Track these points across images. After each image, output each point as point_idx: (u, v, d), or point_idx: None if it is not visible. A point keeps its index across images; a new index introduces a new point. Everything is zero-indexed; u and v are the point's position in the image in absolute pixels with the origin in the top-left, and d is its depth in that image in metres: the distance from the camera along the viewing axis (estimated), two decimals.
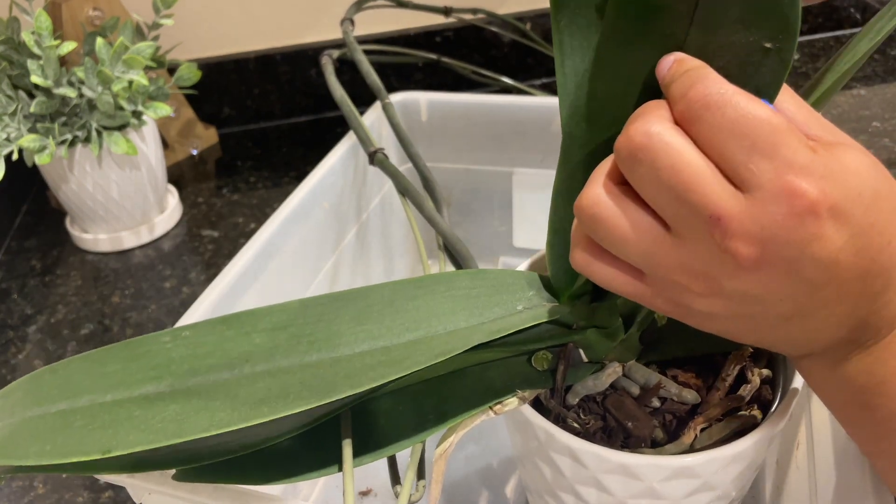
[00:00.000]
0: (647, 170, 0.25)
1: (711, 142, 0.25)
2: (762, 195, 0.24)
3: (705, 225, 0.25)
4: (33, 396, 0.31)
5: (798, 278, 0.25)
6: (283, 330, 0.32)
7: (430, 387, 0.34)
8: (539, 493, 0.40)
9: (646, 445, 0.36)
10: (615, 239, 0.27)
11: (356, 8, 0.76)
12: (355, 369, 0.30)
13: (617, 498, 0.35)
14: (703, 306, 0.28)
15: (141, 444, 0.27)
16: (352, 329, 0.32)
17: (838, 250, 0.25)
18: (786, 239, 0.24)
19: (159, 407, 0.29)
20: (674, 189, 0.25)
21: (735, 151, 0.24)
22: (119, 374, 0.31)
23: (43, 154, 0.69)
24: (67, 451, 0.28)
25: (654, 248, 0.27)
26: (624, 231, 0.27)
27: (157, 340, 0.32)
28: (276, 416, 0.28)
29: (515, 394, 0.34)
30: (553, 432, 0.34)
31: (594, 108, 0.29)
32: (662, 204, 0.26)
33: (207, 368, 0.31)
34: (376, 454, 0.32)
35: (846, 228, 0.25)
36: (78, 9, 0.78)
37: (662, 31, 0.27)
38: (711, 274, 0.26)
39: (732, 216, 0.25)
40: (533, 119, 0.68)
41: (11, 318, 0.73)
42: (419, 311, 0.33)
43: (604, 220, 0.27)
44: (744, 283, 0.26)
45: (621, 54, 0.28)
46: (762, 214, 0.24)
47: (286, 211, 0.55)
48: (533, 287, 0.35)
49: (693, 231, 0.26)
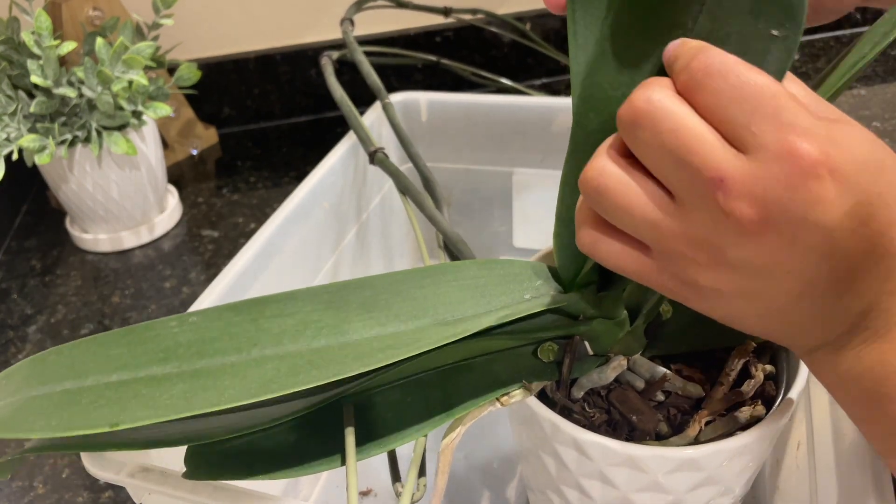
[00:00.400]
0: (649, 134, 0.26)
1: (714, 108, 0.25)
2: (764, 156, 0.24)
3: (707, 188, 0.25)
4: (38, 377, 0.31)
5: (803, 246, 0.25)
6: (291, 317, 0.32)
7: (437, 379, 0.34)
8: (541, 490, 0.40)
9: (650, 439, 0.36)
10: (620, 208, 0.27)
11: (356, 8, 0.76)
12: (364, 351, 0.30)
13: (621, 491, 0.35)
14: (709, 280, 0.27)
15: (149, 418, 0.27)
16: (360, 316, 0.32)
17: (842, 216, 0.24)
18: (787, 200, 0.24)
19: (166, 386, 0.29)
20: (676, 152, 0.25)
21: (737, 114, 0.25)
22: (125, 356, 0.31)
23: (43, 154, 0.69)
24: (74, 425, 0.28)
25: (658, 216, 0.27)
26: (629, 199, 0.27)
27: (164, 325, 0.32)
28: (287, 392, 0.28)
29: (521, 385, 0.35)
30: (559, 424, 0.34)
31: (601, 97, 0.29)
32: (665, 170, 0.26)
33: (214, 352, 0.31)
34: (382, 445, 0.32)
35: (849, 195, 0.24)
36: (78, 9, 0.78)
37: (671, 21, 0.27)
38: (715, 242, 0.26)
39: (734, 177, 0.25)
40: (533, 119, 0.68)
41: (11, 318, 0.73)
42: (427, 299, 0.33)
43: (609, 190, 0.27)
44: (748, 250, 0.26)
45: (629, 44, 0.28)
46: (764, 175, 0.24)
47: (286, 211, 0.55)
48: (540, 277, 0.35)
49: (696, 196, 0.26)
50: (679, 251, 0.27)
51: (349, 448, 0.31)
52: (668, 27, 0.28)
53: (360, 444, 0.32)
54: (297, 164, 0.94)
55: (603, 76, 0.29)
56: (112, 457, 0.36)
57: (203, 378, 0.29)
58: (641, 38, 0.28)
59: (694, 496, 0.35)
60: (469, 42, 1.01)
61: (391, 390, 0.34)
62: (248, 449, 0.32)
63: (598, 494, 0.36)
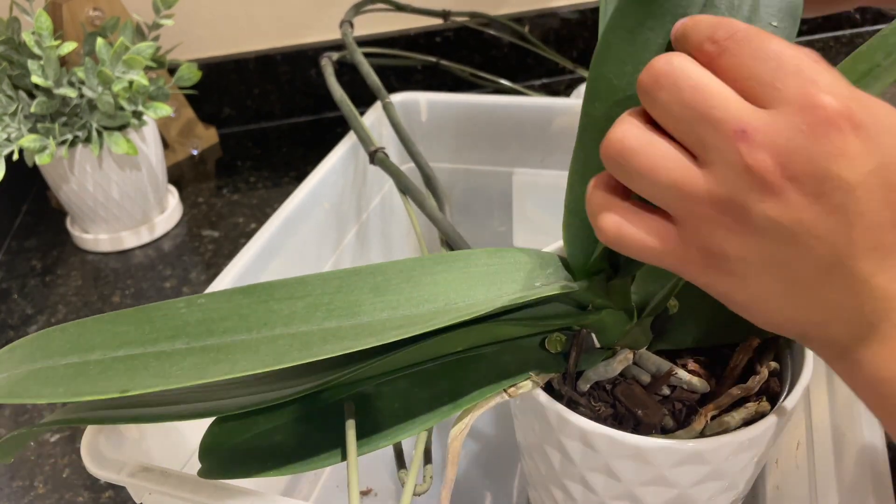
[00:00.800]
0: (669, 94, 0.26)
1: (737, 69, 0.25)
2: (786, 109, 0.25)
3: (730, 141, 0.25)
4: (42, 351, 0.30)
5: (827, 204, 0.25)
6: (301, 299, 0.32)
7: (444, 370, 0.34)
8: (544, 485, 0.40)
9: (656, 433, 0.36)
10: (644, 169, 0.27)
11: (355, 11, 0.76)
12: (377, 329, 0.30)
13: (625, 485, 0.35)
14: (736, 247, 0.26)
15: (160, 385, 0.27)
16: (370, 299, 0.32)
17: (866, 174, 0.24)
18: (809, 150, 0.24)
19: (177, 359, 0.29)
20: (697, 108, 0.25)
21: (761, 72, 0.25)
22: (132, 333, 0.31)
23: (43, 154, 0.69)
24: (83, 391, 0.28)
25: (683, 176, 0.26)
26: (653, 160, 0.27)
27: (172, 306, 0.32)
28: (300, 363, 0.28)
29: (529, 376, 0.35)
30: (566, 415, 0.34)
31: (606, 87, 0.30)
32: (686, 128, 0.26)
33: (224, 331, 0.31)
34: (390, 437, 0.32)
35: (873, 154, 0.24)
36: (78, 9, 0.78)
37: (675, 13, 0.28)
38: (740, 200, 0.25)
39: (757, 128, 0.25)
40: (533, 119, 0.69)
41: (12, 317, 0.73)
42: (438, 285, 0.33)
43: (632, 151, 0.27)
44: (772, 207, 0.25)
45: (633, 36, 0.29)
46: (785, 126, 0.24)
47: (287, 211, 0.55)
48: (551, 265, 0.35)
49: (718, 153, 0.25)
50: (704, 214, 0.26)
51: (350, 440, 0.31)
52: (672, 18, 0.28)
53: (368, 436, 0.32)
54: (297, 164, 0.94)
55: (609, 67, 0.30)
56: (112, 456, 0.36)
57: (214, 352, 0.29)
58: (645, 29, 0.29)
59: (698, 490, 0.35)
60: (468, 42, 1.01)
61: (399, 380, 0.34)
62: (258, 446, 0.32)
63: (601, 488, 0.36)
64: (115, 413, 0.32)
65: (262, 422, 0.32)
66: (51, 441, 0.59)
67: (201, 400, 0.32)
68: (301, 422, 0.33)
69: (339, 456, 0.32)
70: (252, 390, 0.32)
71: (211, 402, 0.31)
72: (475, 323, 0.32)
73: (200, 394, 0.33)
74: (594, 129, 0.31)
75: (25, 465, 0.57)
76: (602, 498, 0.36)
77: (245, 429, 0.32)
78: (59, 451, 0.58)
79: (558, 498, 0.39)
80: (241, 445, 0.32)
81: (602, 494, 0.36)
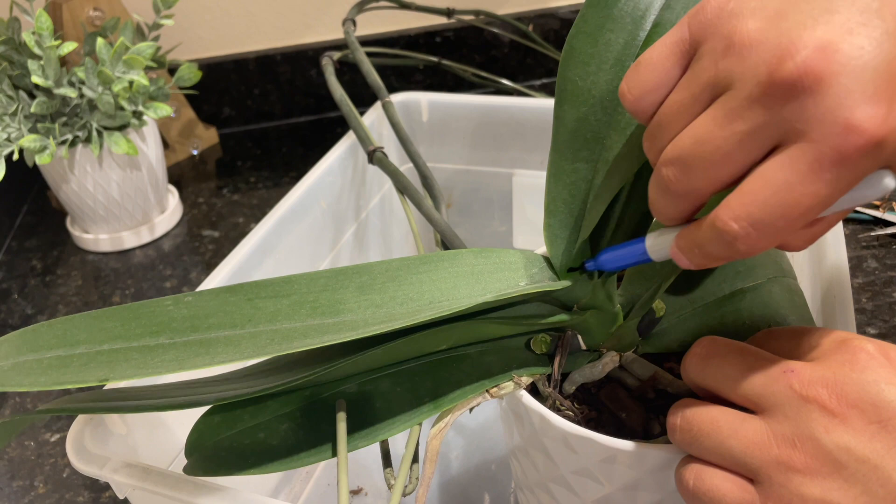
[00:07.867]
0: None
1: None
2: (826, 355, 0.28)
3: (780, 381, 0.27)
4: (28, 345, 0.31)
5: (888, 412, 0.26)
6: (287, 298, 0.33)
7: (427, 369, 0.34)
8: (531, 488, 0.40)
9: (638, 437, 0.36)
10: (718, 440, 0.28)
11: (358, 9, 0.76)
12: (358, 325, 0.31)
13: (608, 489, 0.35)
14: (817, 490, 0.26)
15: (138, 375, 0.28)
16: (355, 298, 0.33)
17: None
18: (859, 380, 0.26)
19: (158, 352, 0.30)
20: (748, 369, 0.29)
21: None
22: (117, 328, 0.31)
23: (43, 154, 0.69)
24: (64, 380, 0.28)
25: (749, 435, 0.28)
26: (722, 429, 0.28)
27: (159, 304, 0.33)
28: (279, 353, 0.29)
29: (511, 377, 0.35)
30: (549, 417, 0.34)
31: (573, 89, 0.32)
32: (742, 392, 0.29)
33: (209, 327, 0.31)
34: (372, 436, 0.32)
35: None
36: (78, 9, 0.78)
37: (633, 15, 0.32)
38: (806, 432, 0.26)
39: (803, 366, 0.27)
40: (533, 120, 0.68)
41: (12, 317, 0.73)
42: (423, 284, 0.34)
43: (702, 433, 0.29)
44: (842, 436, 0.26)
45: (594, 39, 0.32)
46: (829, 363, 0.27)
47: (283, 209, 0.55)
48: (536, 266, 0.36)
49: (774, 397, 0.27)
50: (777, 461, 0.27)
51: (340, 437, 0.31)
52: (631, 20, 0.31)
53: (349, 435, 0.32)
54: (298, 164, 0.94)
55: (574, 70, 0.32)
56: (97, 452, 0.36)
57: (196, 346, 0.30)
58: (605, 31, 0.32)
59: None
60: (469, 42, 1.01)
61: (382, 380, 0.34)
62: (243, 443, 0.32)
63: (585, 492, 0.35)
64: (105, 404, 0.33)
65: (247, 419, 0.33)
66: (51, 441, 0.59)
67: (187, 395, 0.32)
68: (285, 419, 0.33)
69: (323, 454, 0.32)
70: (236, 385, 0.33)
71: (194, 396, 0.32)
72: (458, 320, 0.32)
73: (187, 389, 0.34)
74: (565, 132, 0.32)
75: (25, 465, 0.57)
76: (585, 502, 0.36)
77: (229, 426, 0.33)
78: (59, 451, 0.58)
79: (544, 501, 0.39)
80: (225, 442, 0.32)
81: (586, 498, 0.36)
